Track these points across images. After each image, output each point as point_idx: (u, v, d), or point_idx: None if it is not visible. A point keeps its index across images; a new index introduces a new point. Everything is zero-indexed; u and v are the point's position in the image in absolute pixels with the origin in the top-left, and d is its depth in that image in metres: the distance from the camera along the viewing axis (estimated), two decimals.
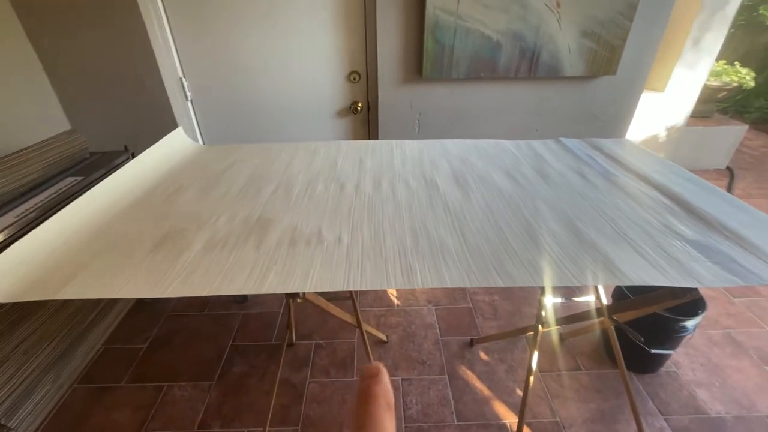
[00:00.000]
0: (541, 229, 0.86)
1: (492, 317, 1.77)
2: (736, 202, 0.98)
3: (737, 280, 0.70)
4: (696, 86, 3.05)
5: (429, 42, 1.49)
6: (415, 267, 0.74)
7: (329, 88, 1.73)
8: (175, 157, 1.30)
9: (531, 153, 1.30)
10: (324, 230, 0.88)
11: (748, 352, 1.60)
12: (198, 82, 1.72)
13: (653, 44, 1.58)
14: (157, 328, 1.76)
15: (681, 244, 0.81)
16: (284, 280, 0.71)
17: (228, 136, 1.86)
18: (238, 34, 1.61)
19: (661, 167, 1.19)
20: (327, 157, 1.31)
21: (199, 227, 0.90)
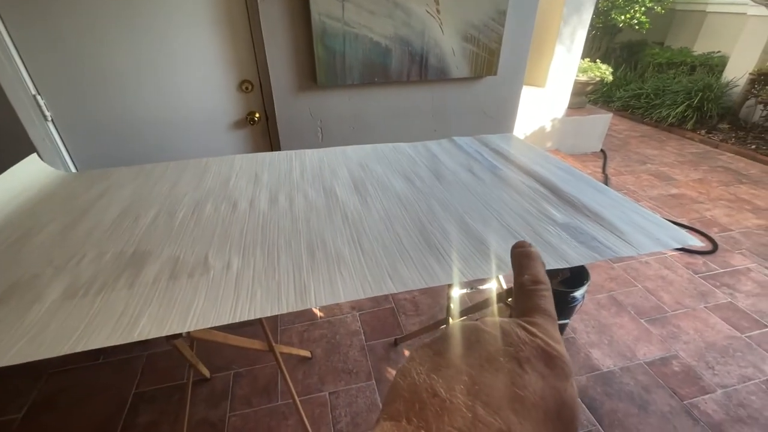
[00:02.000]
0: (434, 230, 0.90)
1: (414, 314, 1.82)
2: (598, 186, 1.13)
3: (597, 256, 0.80)
4: (569, 81, 3.48)
5: (319, 49, 1.47)
6: (309, 285, 0.72)
7: (220, 99, 1.62)
8: (30, 190, 1.11)
9: (427, 154, 1.35)
10: (211, 257, 0.81)
11: (627, 309, 1.86)
12: (59, 99, 1.49)
13: (525, 46, 1.75)
14: (37, 391, 1.49)
15: (554, 229, 0.90)
16: (159, 322, 0.63)
17: (106, 159, 1.64)
18: (103, 42, 1.43)
19: (539, 158, 1.32)
20: (219, 173, 1.22)
21: (56, 272, 0.77)
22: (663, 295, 1.94)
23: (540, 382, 0.16)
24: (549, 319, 0.20)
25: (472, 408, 0.15)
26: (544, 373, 0.17)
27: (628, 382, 1.50)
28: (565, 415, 0.16)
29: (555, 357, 0.18)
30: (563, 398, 0.17)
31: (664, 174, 3.45)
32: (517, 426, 0.15)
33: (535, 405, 0.16)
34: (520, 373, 0.16)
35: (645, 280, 2.05)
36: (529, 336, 0.18)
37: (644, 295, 1.94)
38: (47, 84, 1.45)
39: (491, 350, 0.17)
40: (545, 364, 0.17)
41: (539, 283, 0.22)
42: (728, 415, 1.38)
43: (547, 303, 0.21)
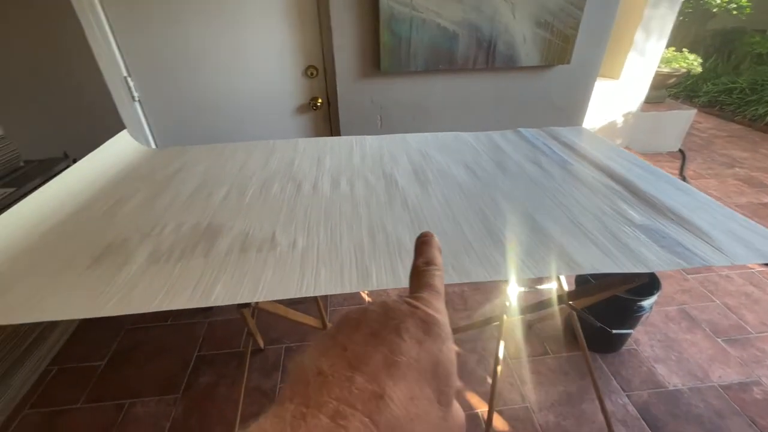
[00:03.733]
0: (498, 222, 0.86)
1: (462, 308, 1.79)
2: (681, 185, 1.02)
3: (682, 263, 0.72)
4: (648, 73, 3.18)
5: (385, 35, 1.46)
6: (371, 268, 0.72)
7: (286, 84, 1.67)
8: (120, 163, 1.22)
9: (490, 144, 1.31)
10: (278, 234, 0.84)
11: (701, 325, 1.69)
12: (146, 82, 1.62)
13: (605, 33, 1.61)
14: (117, 343, 1.67)
15: (631, 230, 0.83)
16: (232, 290, 0.67)
17: (182, 138, 1.77)
18: (186, 28, 1.53)
19: (613, 154, 1.22)
20: (284, 156, 1.26)
21: (142, 238, 0.85)
22: (746, 313, 1.74)
23: (416, 347, 0.18)
24: (435, 293, 0.23)
25: (350, 378, 0.16)
26: (421, 339, 0.19)
27: (697, 404, 1.36)
28: (440, 371, 0.19)
29: (432, 324, 0.20)
30: (438, 358, 0.19)
31: (755, 180, 3.07)
32: (390, 387, 0.16)
33: (410, 367, 0.18)
34: (398, 342, 0.18)
35: (725, 295, 1.84)
36: (411, 308, 0.20)
37: (723, 312, 1.75)
38: (136, 67, 1.58)
39: (376, 327, 0.19)
40: (423, 331, 0.19)
41: (430, 264, 0.25)
42: None
43: (435, 280, 0.24)
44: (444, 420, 0.18)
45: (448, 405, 0.19)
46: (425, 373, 0.18)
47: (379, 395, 0.16)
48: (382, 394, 0.16)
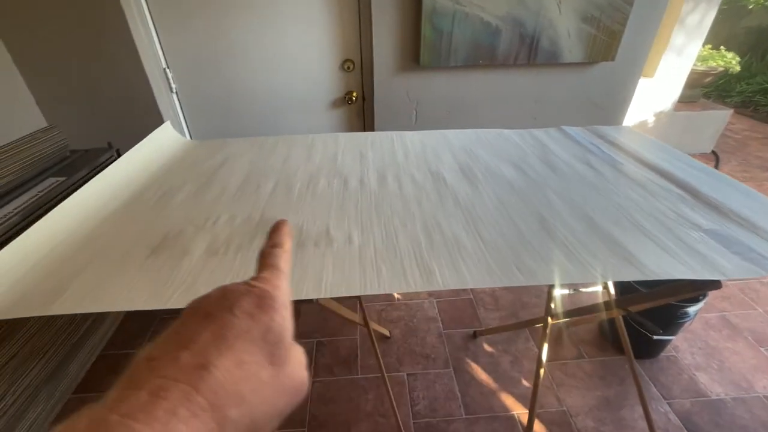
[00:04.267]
0: (557, 223, 0.84)
1: (494, 308, 1.76)
2: (743, 188, 0.98)
3: (760, 271, 0.69)
4: (684, 71, 3.07)
5: (426, 29, 1.44)
6: (433, 267, 0.71)
7: (322, 78, 1.66)
8: (164, 155, 1.23)
9: (534, 142, 1.28)
10: (332, 230, 0.83)
11: (743, 333, 1.63)
12: (183, 73, 1.63)
13: (652, 29, 1.56)
14: (151, 333, 1.70)
15: (698, 235, 0.80)
16: (296, 285, 0.67)
17: (216, 130, 1.78)
18: (224, 21, 1.53)
19: (665, 154, 1.18)
20: (325, 150, 1.26)
21: (197, 230, 0.85)
22: None
23: (247, 320, 0.20)
24: (276, 271, 0.25)
25: (177, 357, 0.18)
26: (252, 312, 0.21)
27: (742, 415, 1.32)
28: (270, 337, 0.21)
29: (265, 298, 0.22)
30: (269, 326, 0.21)
31: None
32: (216, 357, 0.18)
33: (238, 338, 0.20)
34: (229, 317, 0.20)
35: (767, 303, 1.78)
36: (248, 287, 0.22)
37: (766, 321, 1.69)
38: (175, 59, 1.59)
39: (210, 309, 0.21)
40: (255, 305, 0.21)
41: (276, 247, 0.27)
42: None
43: (278, 260, 0.25)
44: (276, 377, 0.20)
45: (281, 364, 0.21)
46: (256, 340, 0.20)
47: (203, 365, 0.18)
48: (207, 365, 0.18)
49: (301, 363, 0.23)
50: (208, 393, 0.17)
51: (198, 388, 0.17)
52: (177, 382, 0.17)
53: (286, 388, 0.21)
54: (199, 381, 0.17)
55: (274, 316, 0.22)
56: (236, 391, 0.18)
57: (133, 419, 0.15)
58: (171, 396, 0.16)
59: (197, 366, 0.18)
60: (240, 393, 0.18)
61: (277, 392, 0.20)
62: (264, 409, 0.19)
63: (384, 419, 1.30)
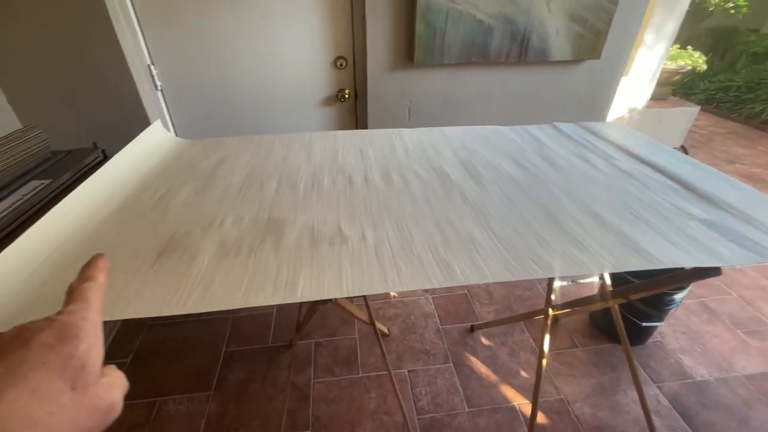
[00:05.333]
0: (564, 217, 0.86)
1: (488, 302, 1.79)
2: (732, 181, 1.03)
3: (757, 258, 0.73)
4: (656, 69, 3.21)
5: (420, 26, 1.44)
6: (452, 263, 0.71)
7: (314, 75, 1.64)
8: (156, 155, 1.18)
9: (530, 139, 1.30)
10: (344, 228, 0.82)
11: (721, 317, 1.73)
12: (168, 70, 1.57)
13: (634, 28, 1.62)
14: (139, 341, 1.63)
15: (695, 224, 0.84)
16: (317, 285, 0.66)
17: (204, 129, 1.73)
18: (211, 16, 1.48)
19: (657, 150, 1.23)
20: (324, 148, 1.24)
21: (204, 232, 0.82)
22: (763, 306, 1.79)
23: (46, 351, 0.22)
24: (82, 303, 0.26)
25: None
26: (52, 343, 0.23)
27: (725, 394, 1.40)
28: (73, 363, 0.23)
29: (66, 328, 0.24)
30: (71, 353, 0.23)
31: (756, 176, 3.15)
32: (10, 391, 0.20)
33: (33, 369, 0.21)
34: (23, 352, 0.21)
35: (741, 288, 1.89)
36: (48, 321, 0.24)
37: (741, 305, 1.79)
38: (160, 55, 1.54)
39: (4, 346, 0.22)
40: (56, 336, 0.23)
41: (86, 281, 0.28)
42: None
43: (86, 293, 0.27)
44: (79, 399, 0.22)
45: (84, 387, 0.23)
46: (55, 369, 0.22)
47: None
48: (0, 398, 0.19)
49: (112, 386, 0.26)
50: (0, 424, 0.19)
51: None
52: None
53: (93, 409, 0.23)
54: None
55: (78, 344, 0.24)
56: (28, 415, 0.20)
57: None
58: None
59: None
60: (32, 416, 0.20)
61: (82, 413, 0.22)
62: (66, 427, 0.21)
63: (388, 416, 1.30)
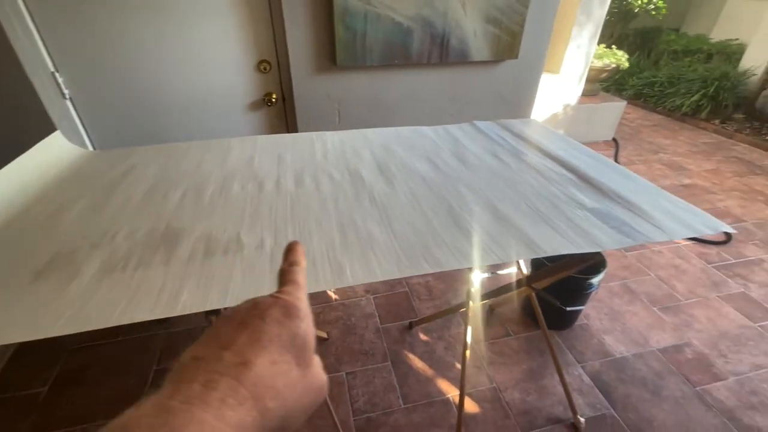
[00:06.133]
0: (464, 213, 0.89)
1: (428, 298, 1.83)
2: (624, 171, 1.12)
3: (629, 241, 0.80)
4: (583, 67, 3.42)
5: (340, 28, 1.45)
6: (344, 264, 0.72)
7: (237, 80, 1.60)
8: (55, 167, 1.11)
9: (448, 137, 1.34)
10: (243, 235, 0.81)
11: (640, 297, 1.86)
12: (77, 78, 1.48)
13: (547, 29, 1.71)
14: (60, 366, 1.52)
15: (583, 213, 0.90)
16: (200, 297, 0.64)
17: (125, 138, 1.64)
18: (120, 18, 1.41)
19: (562, 144, 1.31)
20: (242, 154, 1.21)
21: (92, 247, 0.78)
22: (676, 284, 1.94)
23: (277, 326, 0.23)
24: (296, 286, 0.28)
25: (220, 355, 0.21)
26: (280, 319, 0.24)
27: (641, 368, 1.51)
28: (298, 342, 0.24)
29: (290, 307, 0.25)
30: (296, 332, 0.24)
31: (676, 164, 3.42)
32: (253, 356, 0.21)
33: (271, 341, 0.22)
34: (260, 324, 0.23)
35: (658, 269, 2.05)
36: (274, 299, 0.25)
37: (657, 284, 1.94)
38: (66, 61, 1.44)
39: (244, 317, 0.24)
40: (283, 314, 0.24)
41: (293, 265, 0.30)
42: (740, 401, 1.39)
43: (296, 276, 0.29)
44: (303, 377, 0.23)
45: (307, 366, 0.24)
46: (285, 344, 0.23)
47: (243, 363, 0.21)
48: (246, 362, 0.21)
49: (321, 367, 0.26)
50: (250, 385, 0.20)
51: (241, 381, 0.20)
52: (223, 376, 0.20)
53: (311, 388, 0.24)
54: (242, 375, 0.20)
55: (299, 324, 0.24)
56: (272, 385, 0.21)
57: (191, 404, 0.18)
58: (220, 387, 0.19)
59: (239, 363, 0.20)
60: (275, 387, 0.21)
61: (305, 391, 0.23)
62: (294, 404, 0.22)
63: (323, 421, 1.29)
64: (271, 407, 0.20)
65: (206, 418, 0.17)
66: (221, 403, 0.18)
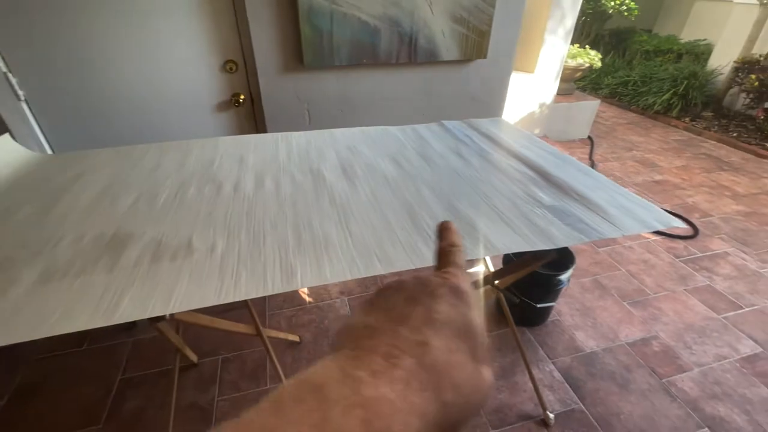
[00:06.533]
0: (422, 212, 0.89)
1: None
2: (585, 169, 1.13)
3: (583, 237, 0.80)
4: (558, 67, 3.47)
5: (305, 28, 1.43)
6: (296, 267, 0.71)
7: (203, 80, 1.57)
8: (3, 171, 1.06)
9: (416, 137, 1.34)
10: (195, 240, 0.79)
11: (611, 292, 1.90)
12: (33, 78, 1.42)
13: (515, 29, 1.73)
14: (20, 378, 1.46)
15: (541, 211, 0.90)
16: (141, 304, 0.62)
17: (84, 141, 1.58)
18: (79, 17, 1.36)
19: (527, 142, 1.32)
20: (203, 156, 1.19)
21: (33, 256, 0.74)
22: (645, 278, 1.99)
23: (451, 309, 0.21)
24: (460, 269, 0.26)
25: (396, 330, 0.19)
26: (453, 303, 0.22)
27: (610, 362, 1.54)
28: (471, 331, 0.21)
29: (462, 292, 0.23)
30: (468, 320, 0.21)
31: (648, 161, 3.50)
32: (433, 338, 0.19)
33: (446, 324, 0.20)
34: (434, 303, 0.21)
35: (628, 264, 2.09)
36: (442, 279, 0.23)
37: (627, 279, 1.98)
38: (19, 62, 1.38)
39: (413, 292, 0.22)
40: (454, 296, 0.22)
41: (454, 246, 0.28)
42: (704, 392, 1.43)
43: (459, 258, 0.27)
44: (477, 373, 0.20)
45: (480, 361, 0.20)
46: (459, 330, 0.20)
47: (423, 343, 0.19)
48: (426, 342, 0.19)
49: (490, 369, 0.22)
50: (431, 371, 0.18)
51: (423, 364, 0.18)
52: (404, 353, 0.18)
53: (481, 390, 0.20)
54: (423, 356, 0.18)
55: (471, 312, 0.22)
56: (450, 375, 0.18)
57: (377, 379, 0.16)
58: (403, 366, 0.17)
59: (418, 343, 0.18)
60: (453, 379, 0.18)
61: (475, 391, 0.19)
62: (466, 403, 0.19)
63: None
64: (449, 402, 0.18)
65: (394, 399, 0.16)
66: (406, 386, 0.17)
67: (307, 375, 0.17)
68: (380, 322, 0.20)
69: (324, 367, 0.17)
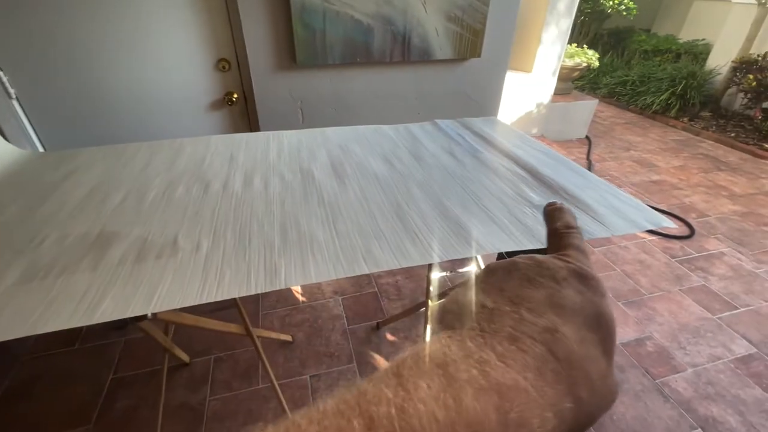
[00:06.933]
0: (411, 212, 0.88)
1: (397, 297, 1.82)
2: (576, 168, 1.13)
3: None
4: (555, 67, 3.47)
5: (298, 26, 1.42)
6: (280, 266, 0.70)
7: (196, 78, 1.56)
8: None
9: (408, 136, 1.33)
10: (181, 239, 0.78)
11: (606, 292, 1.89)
12: (25, 76, 1.42)
13: (510, 27, 1.72)
14: (9, 378, 1.46)
15: (530, 210, 0.90)
16: (123, 304, 0.61)
17: (77, 139, 1.58)
18: (72, 14, 1.36)
19: (520, 142, 1.31)
20: (194, 154, 1.18)
21: (15, 255, 0.74)
22: (640, 278, 1.98)
23: (578, 296, 0.19)
24: (581, 252, 0.23)
25: (517, 312, 0.17)
26: (580, 289, 0.19)
27: None
28: (603, 323, 0.18)
29: (589, 277, 0.20)
30: (601, 310, 0.19)
31: (646, 161, 3.50)
32: (561, 325, 0.17)
33: (575, 312, 0.18)
34: (557, 288, 0.19)
35: (623, 264, 2.08)
36: (563, 262, 0.21)
37: (622, 279, 1.98)
38: (10, 59, 1.38)
39: (529, 274, 0.19)
40: (580, 282, 0.19)
41: (571, 228, 0.25)
42: (697, 392, 1.42)
43: (579, 241, 0.24)
44: (609, 370, 0.17)
45: (611, 356, 0.18)
46: (589, 321, 0.18)
47: (552, 329, 0.16)
48: (555, 329, 0.16)
49: None
50: (564, 361, 0.15)
51: (554, 352, 0.16)
52: (534, 341, 0.16)
53: (611, 389, 0.17)
54: (552, 344, 0.16)
55: (601, 300, 0.19)
56: (584, 369, 0.16)
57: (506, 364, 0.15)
58: (533, 353, 0.15)
59: (546, 328, 0.16)
60: (587, 374, 0.16)
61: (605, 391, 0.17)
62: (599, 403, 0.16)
63: None
64: (583, 400, 0.15)
65: (528, 388, 0.14)
66: (538, 375, 0.15)
67: (424, 350, 0.15)
68: (496, 303, 0.18)
69: (441, 344, 0.16)
